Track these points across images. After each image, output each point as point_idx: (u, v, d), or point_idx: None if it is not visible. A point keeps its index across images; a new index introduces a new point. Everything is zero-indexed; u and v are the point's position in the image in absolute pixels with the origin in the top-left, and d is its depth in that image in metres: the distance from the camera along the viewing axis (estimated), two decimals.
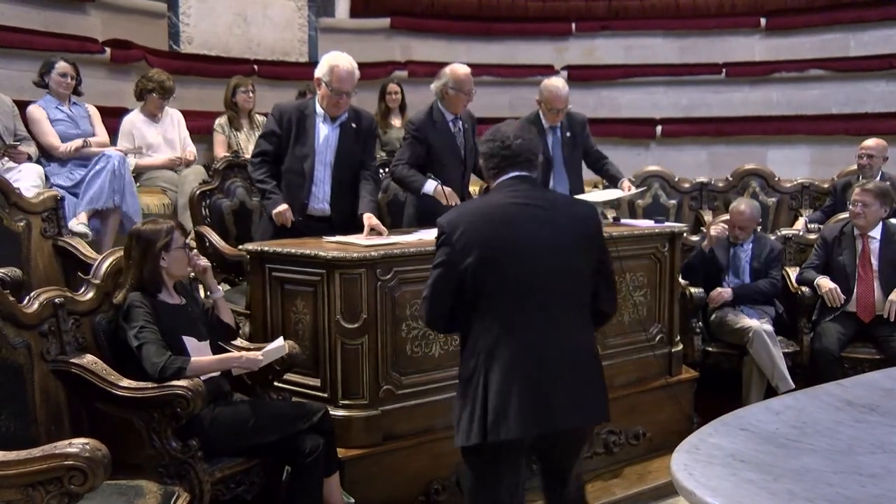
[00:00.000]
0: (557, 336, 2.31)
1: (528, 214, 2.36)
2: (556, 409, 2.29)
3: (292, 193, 3.80)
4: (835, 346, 4.36)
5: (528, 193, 2.41)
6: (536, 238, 2.32)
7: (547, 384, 2.28)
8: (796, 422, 2.13)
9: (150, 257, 2.91)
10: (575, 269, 2.36)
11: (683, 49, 8.35)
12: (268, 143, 3.82)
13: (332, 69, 3.76)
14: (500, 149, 2.43)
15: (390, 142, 6.39)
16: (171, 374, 2.70)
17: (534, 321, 2.29)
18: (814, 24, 8.04)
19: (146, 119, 5.35)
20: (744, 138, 7.70)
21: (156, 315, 2.85)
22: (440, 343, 3.43)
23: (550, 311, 2.31)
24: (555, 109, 4.49)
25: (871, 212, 4.43)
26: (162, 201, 5.09)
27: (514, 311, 2.29)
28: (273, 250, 3.45)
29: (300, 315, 3.35)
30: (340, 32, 8.02)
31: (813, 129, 7.67)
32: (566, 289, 2.35)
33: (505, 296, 2.29)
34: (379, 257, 3.24)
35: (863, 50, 7.82)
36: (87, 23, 6.30)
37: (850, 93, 7.77)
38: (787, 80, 7.98)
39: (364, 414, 3.25)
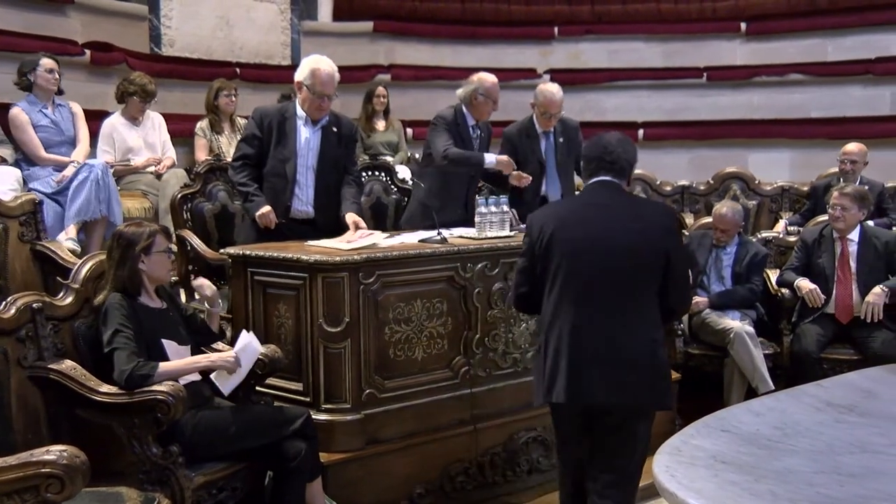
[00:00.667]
0: (606, 324, 2.60)
1: (601, 216, 2.68)
2: (590, 387, 2.58)
3: (275, 196, 3.80)
4: (814, 347, 4.41)
5: (608, 197, 2.73)
6: (602, 238, 2.64)
7: (586, 364, 2.58)
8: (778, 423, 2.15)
9: (130, 259, 2.88)
10: (636, 267, 2.63)
11: (667, 53, 8.41)
12: (249, 147, 3.82)
13: (314, 72, 3.76)
14: (601, 153, 2.74)
15: (374, 145, 6.38)
16: (137, 381, 2.67)
17: (588, 309, 2.61)
18: (794, 29, 8.13)
19: (127, 122, 5.30)
20: (726, 141, 7.76)
21: (135, 317, 2.82)
22: (423, 346, 3.43)
23: (605, 302, 2.61)
24: (548, 114, 4.53)
25: (850, 215, 4.50)
26: (143, 205, 5.05)
27: (573, 299, 2.62)
28: (255, 254, 3.43)
29: (282, 319, 3.34)
30: (324, 36, 8.00)
31: (794, 133, 7.74)
32: (624, 284, 2.62)
33: (569, 285, 2.64)
34: (361, 261, 3.23)
35: (842, 55, 7.90)
36: (67, 25, 6.25)
37: (829, 97, 7.85)
38: (769, 84, 8.05)
39: (347, 418, 3.24)
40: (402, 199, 5.16)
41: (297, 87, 3.80)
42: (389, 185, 5.24)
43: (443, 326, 3.49)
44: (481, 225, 3.75)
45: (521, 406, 3.71)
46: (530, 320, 3.73)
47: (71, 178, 4.45)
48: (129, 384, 2.66)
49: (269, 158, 3.80)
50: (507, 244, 3.68)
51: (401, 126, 6.75)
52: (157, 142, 5.41)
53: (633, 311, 2.62)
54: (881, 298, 4.35)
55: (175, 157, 5.47)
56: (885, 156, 6.66)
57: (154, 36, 7.06)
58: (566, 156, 4.64)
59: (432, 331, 3.46)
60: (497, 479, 3.63)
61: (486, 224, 3.75)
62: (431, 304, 3.44)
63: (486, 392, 3.62)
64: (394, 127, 6.63)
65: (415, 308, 3.40)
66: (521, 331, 3.72)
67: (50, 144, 4.69)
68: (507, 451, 3.65)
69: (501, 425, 3.65)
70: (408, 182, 5.42)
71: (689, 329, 4.65)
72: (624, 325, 2.60)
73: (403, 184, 5.31)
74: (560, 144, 4.63)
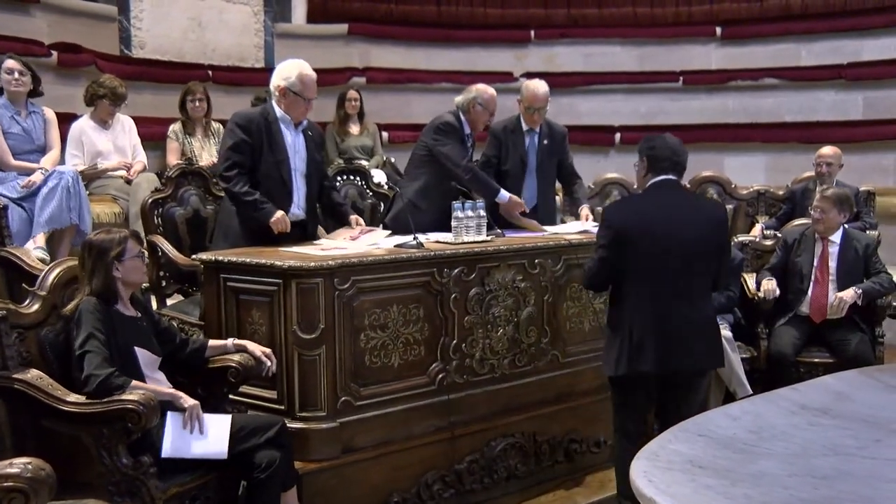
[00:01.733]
0: (679, 304, 3.13)
1: (668, 211, 3.16)
2: (675, 355, 3.12)
3: (275, 201, 3.76)
4: (790, 350, 4.48)
5: (673, 194, 3.23)
6: (670, 230, 3.12)
7: (669, 337, 3.11)
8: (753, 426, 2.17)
9: (104, 268, 2.85)
10: (696, 255, 3.15)
11: (642, 57, 8.49)
12: (239, 154, 3.72)
13: (302, 77, 3.76)
14: (671, 155, 3.23)
15: (348, 150, 6.37)
16: (108, 390, 2.63)
17: (664, 291, 3.12)
18: (767, 34, 8.25)
19: (96, 126, 5.24)
20: (701, 145, 7.81)
21: (109, 324, 2.79)
22: (399, 353, 3.42)
23: (676, 284, 3.12)
24: (532, 109, 4.53)
25: (830, 218, 4.57)
26: (113, 210, 5.00)
27: (651, 283, 3.12)
28: (228, 259, 3.40)
29: (256, 326, 3.32)
30: (297, 38, 7.98)
31: (768, 137, 7.85)
32: (688, 270, 3.14)
33: (645, 271, 3.12)
34: (336, 266, 3.22)
35: (814, 60, 8.05)
36: (32, 25, 6.16)
37: (802, 101, 7.98)
38: (743, 88, 8.16)
39: (322, 426, 3.22)
40: (378, 202, 5.16)
41: (282, 92, 3.76)
42: (365, 189, 5.23)
43: (419, 332, 3.48)
44: (458, 230, 3.75)
45: (498, 412, 3.72)
46: (507, 326, 3.75)
47: (40, 185, 4.38)
48: (99, 390, 2.63)
49: (261, 163, 3.75)
50: (483, 249, 3.69)
51: (376, 129, 6.74)
52: (128, 145, 5.35)
53: (696, 293, 3.17)
54: (852, 298, 4.43)
55: (146, 162, 5.41)
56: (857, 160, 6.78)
57: (124, 37, 7.00)
58: (548, 157, 4.65)
59: (408, 337, 3.45)
60: (475, 487, 3.63)
61: (462, 229, 3.75)
62: (408, 310, 3.44)
63: (464, 398, 3.61)
64: (368, 130, 6.62)
65: (391, 314, 3.39)
66: (498, 336, 3.73)
67: (18, 152, 4.61)
68: (485, 458, 3.65)
69: (479, 432, 3.65)
70: (383, 186, 5.41)
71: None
72: (691, 305, 3.14)
73: (379, 188, 5.31)
74: (543, 146, 4.64)
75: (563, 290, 3.99)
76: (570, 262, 3.95)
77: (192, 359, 3.10)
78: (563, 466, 3.94)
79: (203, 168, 4.67)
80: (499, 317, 3.73)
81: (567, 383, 4.00)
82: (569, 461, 3.96)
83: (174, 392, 2.87)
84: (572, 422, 3.97)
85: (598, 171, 6.91)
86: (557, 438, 3.92)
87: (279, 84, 3.78)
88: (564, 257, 3.96)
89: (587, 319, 4.07)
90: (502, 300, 3.74)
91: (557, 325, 3.96)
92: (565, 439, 3.95)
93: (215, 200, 4.47)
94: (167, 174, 4.48)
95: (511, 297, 3.77)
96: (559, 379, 3.96)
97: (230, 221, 3.83)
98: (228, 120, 3.87)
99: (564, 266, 3.96)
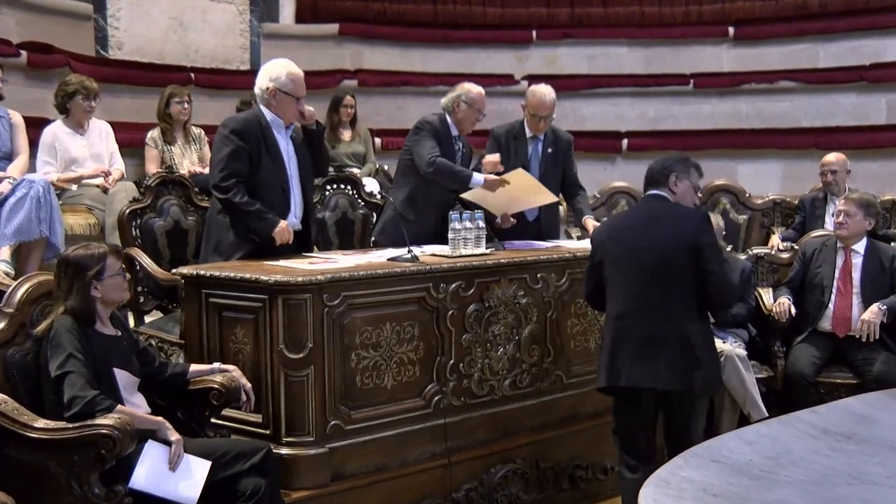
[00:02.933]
0: (648, 317, 3.20)
1: (645, 225, 3.31)
2: (641, 371, 3.19)
3: (276, 211, 3.75)
4: (809, 370, 4.44)
5: (653, 208, 3.37)
6: (645, 243, 3.24)
7: (636, 351, 3.20)
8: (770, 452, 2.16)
9: (81, 287, 2.83)
10: (674, 268, 3.21)
11: (649, 59, 8.52)
12: (238, 163, 3.69)
13: (291, 75, 3.77)
14: (649, 170, 3.42)
15: (339, 157, 6.35)
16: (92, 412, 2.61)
17: (634, 304, 3.24)
18: (782, 34, 8.26)
19: (70, 131, 5.22)
20: (713, 152, 7.85)
21: (87, 344, 2.78)
22: (393, 374, 3.41)
23: (648, 297, 3.22)
24: (538, 117, 4.53)
25: (855, 222, 4.52)
26: (88, 221, 4.97)
27: (624, 295, 3.27)
28: (210, 274, 3.39)
29: (240, 345, 3.30)
30: (285, 39, 8.00)
31: (783, 143, 7.86)
32: (664, 282, 3.21)
33: (619, 284, 3.29)
34: (326, 281, 3.21)
35: (832, 61, 8.04)
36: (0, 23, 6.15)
37: (820, 105, 7.99)
38: (757, 91, 8.18)
39: (310, 452, 3.20)
40: (370, 213, 5.15)
41: (272, 93, 3.76)
42: (356, 199, 5.23)
43: (414, 352, 3.47)
44: (455, 242, 3.75)
45: (498, 437, 3.71)
46: (508, 345, 3.74)
47: (7, 195, 4.35)
48: (85, 412, 2.61)
49: (260, 171, 3.73)
50: (482, 262, 3.68)
51: (368, 135, 6.74)
52: (104, 152, 5.33)
53: (674, 305, 3.21)
54: (878, 317, 4.38)
55: (124, 170, 5.40)
56: (879, 167, 6.81)
57: (100, 37, 6.99)
58: (552, 167, 4.64)
59: (402, 356, 3.44)
60: None
61: (460, 241, 3.74)
62: (402, 328, 3.42)
63: (461, 422, 3.60)
64: (361, 137, 6.61)
65: (384, 332, 3.37)
66: (498, 356, 3.72)
67: None
68: (484, 486, 3.64)
69: (478, 458, 3.63)
70: (376, 196, 5.41)
71: None
72: (660, 319, 3.19)
73: (371, 198, 5.30)
74: (547, 154, 4.63)
75: (567, 307, 3.98)
76: (575, 277, 3.94)
77: (171, 383, 3.08)
78: (568, 495, 3.92)
79: (184, 177, 4.67)
80: (499, 335, 3.72)
81: (571, 405, 3.99)
82: (573, 489, 3.94)
83: (160, 421, 2.84)
84: (577, 447, 3.95)
85: (603, 179, 6.92)
86: (561, 465, 3.90)
87: (268, 85, 3.78)
88: (568, 271, 3.95)
89: (593, 337, 4.06)
90: (502, 317, 3.73)
91: (561, 344, 3.95)
92: (570, 465, 3.93)
93: (197, 211, 4.47)
94: (146, 183, 4.48)
95: (512, 313, 3.76)
96: (563, 401, 3.95)
97: (223, 234, 3.79)
98: (219, 126, 3.85)
99: (568, 280, 3.95)
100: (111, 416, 2.61)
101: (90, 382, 2.70)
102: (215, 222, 3.87)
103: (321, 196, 5.00)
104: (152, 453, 2.75)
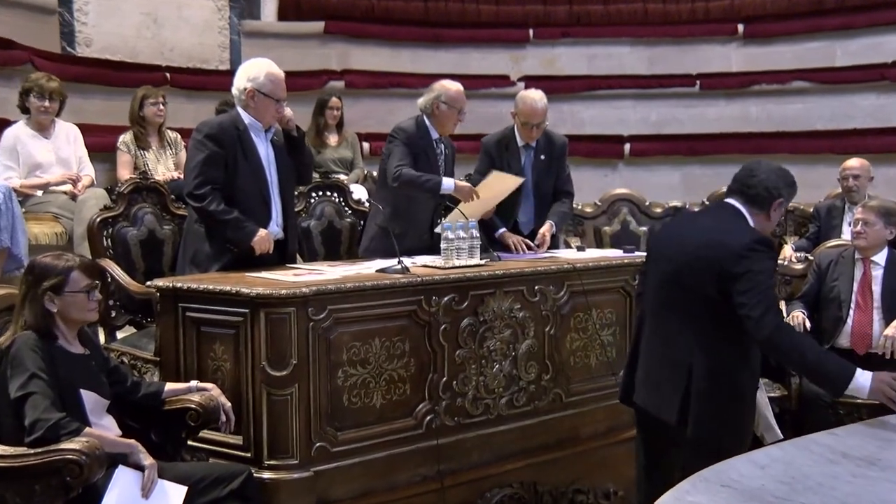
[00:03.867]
0: (654, 337, 3.09)
1: (671, 237, 3.20)
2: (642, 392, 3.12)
3: (256, 219, 3.76)
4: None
5: (708, 217, 3.37)
6: (668, 256, 3.06)
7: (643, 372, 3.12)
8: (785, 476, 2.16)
9: (34, 297, 2.81)
10: (689, 286, 2.92)
11: (653, 59, 8.57)
12: (214, 169, 3.70)
13: (271, 76, 3.79)
14: (743, 175, 3.09)
15: (324, 163, 6.37)
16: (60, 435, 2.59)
17: (648, 318, 3.13)
18: (795, 31, 8.30)
19: (34, 133, 5.20)
20: (720, 157, 7.89)
21: (50, 362, 2.76)
22: (382, 392, 3.41)
23: (658, 317, 3.08)
24: (530, 125, 4.52)
25: (874, 231, 4.50)
26: (54, 230, 4.95)
27: (646, 301, 3.19)
28: (187, 286, 3.40)
29: (219, 362, 3.30)
30: (267, 37, 8.02)
31: (796, 148, 7.88)
32: (676, 302, 2.98)
33: (645, 295, 3.23)
34: (311, 294, 3.22)
35: (850, 59, 8.05)
36: None
37: (836, 107, 8.01)
38: (767, 93, 8.23)
39: (294, 476, 3.20)
40: (358, 222, 5.15)
41: (250, 94, 3.77)
42: (343, 207, 5.23)
43: (404, 369, 3.47)
44: (448, 252, 3.76)
45: (494, 459, 3.71)
46: (504, 361, 3.74)
47: None
48: (49, 437, 2.58)
49: (237, 178, 3.74)
50: (477, 274, 3.69)
51: (356, 140, 6.76)
52: (72, 157, 5.31)
53: (683, 328, 2.94)
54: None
55: (94, 176, 5.38)
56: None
57: (66, 33, 6.93)
58: (546, 175, 4.65)
59: (392, 374, 3.44)
60: None
61: (453, 252, 3.75)
62: (391, 343, 3.43)
63: (455, 443, 3.60)
64: (348, 141, 6.63)
65: (372, 348, 3.38)
66: (493, 373, 3.72)
67: None
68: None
69: (472, 482, 3.63)
70: (364, 203, 5.41)
71: None
72: (664, 341, 3.03)
73: (359, 205, 5.30)
74: (541, 161, 4.64)
75: (567, 321, 3.99)
76: (574, 289, 3.96)
77: (145, 403, 3.07)
78: None
79: (159, 183, 4.66)
80: (494, 351, 3.73)
81: (571, 426, 3.99)
82: None
83: (132, 444, 2.82)
84: (578, 469, 3.96)
85: (604, 186, 6.95)
86: (561, 489, 3.90)
87: (246, 86, 3.79)
88: (568, 283, 3.96)
89: (594, 353, 4.07)
90: (498, 332, 3.74)
91: (560, 360, 3.96)
92: (570, 490, 3.93)
93: (173, 219, 4.47)
94: (118, 190, 4.47)
95: (508, 328, 3.77)
96: (563, 421, 3.96)
97: (200, 245, 3.80)
98: (193, 130, 3.86)
99: (568, 293, 3.96)
100: (78, 439, 2.59)
101: (55, 404, 2.67)
102: (193, 232, 3.88)
103: (306, 204, 5.00)
104: (123, 479, 2.73)
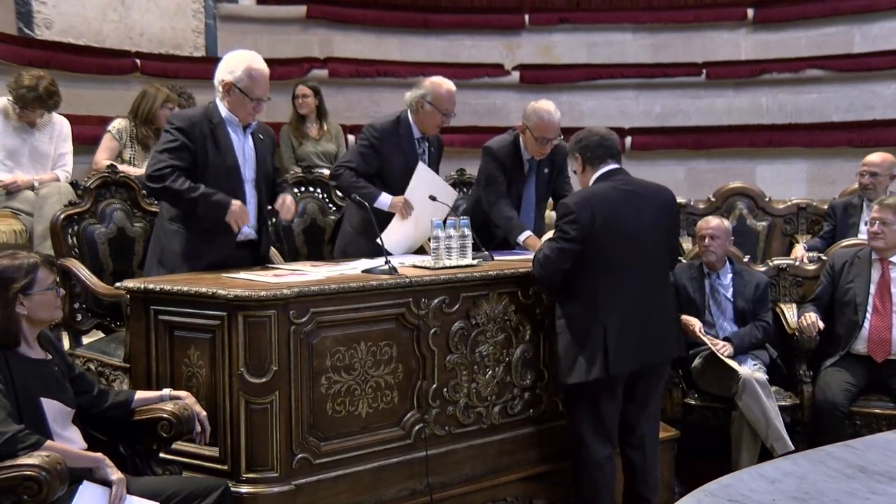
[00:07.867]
0: (653, 292, 3.71)
1: (630, 199, 3.66)
2: (653, 347, 3.70)
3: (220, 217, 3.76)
4: (842, 398, 4.42)
5: (626, 181, 3.74)
6: (638, 218, 3.64)
7: (648, 329, 3.65)
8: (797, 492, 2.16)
9: (4, 304, 2.82)
10: (659, 244, 3.73)
11: (656, 46, 8.60)
12: (178, 159, 3.72)
13: (251, 73, 3.79)
14: (600, 142, 3.76)
15: (306, 156, 6.36)
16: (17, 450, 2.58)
17: (638, 282, 3.63)
18: (811, 15, 8.29)
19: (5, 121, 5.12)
20: (728, 151, 7.92)
21: (6, 370, 2.76)
22: (368, 400, 3.43)
23: (648, 274, 3.68)
24: (544, 139, 4.43)
25: (892, 231, 4.51)
26: (13, 228, 4.90)
27: (622, 276, 3.60)
28: (160, 288, 3.40)
29: (194, 368, 3.31)
30: (245, 22, 8.03)
31: (810, 141, 7.89)
32: (653, 260, 3.72)
33: (617, 263, 3.60)
34: (292, 296, 3.23)
35: (870, 45, 8.04)
36: None
37: (854, 97, 8.01)
38: (780, 82, 8.25)
39: (274, 490, 3.21)
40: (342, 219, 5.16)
41: (226, 87, 3.79)
42: (327, 203, 5.24)
43: (392, 375, 3.49)
44: (438, 252, 3.78)
45: (487, 471, 3.72)
46: (497, 367, 3.76)
47: None
48: (5, 450, 2.57)
49: (207, 173, 3.75)
50: (468, 275, 3.71)
51: (340, 132, 6.74)
52: (50, 152, 5.22)
53: (663, 280, 3.83)
54: None
55: (70, 173, 5.29)
56: None
57: (23, 13, 6.82)
58: (547, 187, 4.63)
59: (379, 380, 3.46)
60: None
61: (443, 251, 3.77)
62: (378, 348, 3.45)
63: (445, 455, 3.62)
64: (331, 133, 6.62)
65: (358, 353, 3.40)
66: (486, 379, 3.74)
67: None
68: None
69: (463, 496, 3.65)
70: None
71: (688, 376, 4.68)
72: (661, 292, 3.77)
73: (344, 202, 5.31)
74: (543, 175, 4.59)
75: None
76: None
77: (113, 414, 3.08)
78: None
79: (129, 177, 4.64)
80: (487, 356, 3.75)
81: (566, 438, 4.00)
82: None
83: (98, 457, 2.81)
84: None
85: None
86: (558, 503, 3.91)
87: (224, 78, 3.81)
88: None
89: None
90: (491, 336, 3.76)
91: (556, 366, 3.97)
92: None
93: (145, 216, 4.46)
94: (84, 184, 4.44)
95: (502, 332, 3.80)
96: (560, 430, 3.96)
97: (168, 242, 3.82)
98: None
99: None
100: (37, 454, 2.57)
101: (12, 415, 2.67)
102: (163, 229, 3.89)
103: None
104: (88, 496, 2.72)
